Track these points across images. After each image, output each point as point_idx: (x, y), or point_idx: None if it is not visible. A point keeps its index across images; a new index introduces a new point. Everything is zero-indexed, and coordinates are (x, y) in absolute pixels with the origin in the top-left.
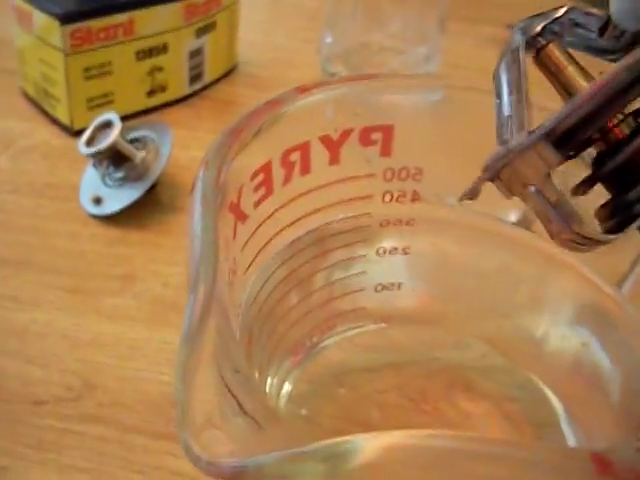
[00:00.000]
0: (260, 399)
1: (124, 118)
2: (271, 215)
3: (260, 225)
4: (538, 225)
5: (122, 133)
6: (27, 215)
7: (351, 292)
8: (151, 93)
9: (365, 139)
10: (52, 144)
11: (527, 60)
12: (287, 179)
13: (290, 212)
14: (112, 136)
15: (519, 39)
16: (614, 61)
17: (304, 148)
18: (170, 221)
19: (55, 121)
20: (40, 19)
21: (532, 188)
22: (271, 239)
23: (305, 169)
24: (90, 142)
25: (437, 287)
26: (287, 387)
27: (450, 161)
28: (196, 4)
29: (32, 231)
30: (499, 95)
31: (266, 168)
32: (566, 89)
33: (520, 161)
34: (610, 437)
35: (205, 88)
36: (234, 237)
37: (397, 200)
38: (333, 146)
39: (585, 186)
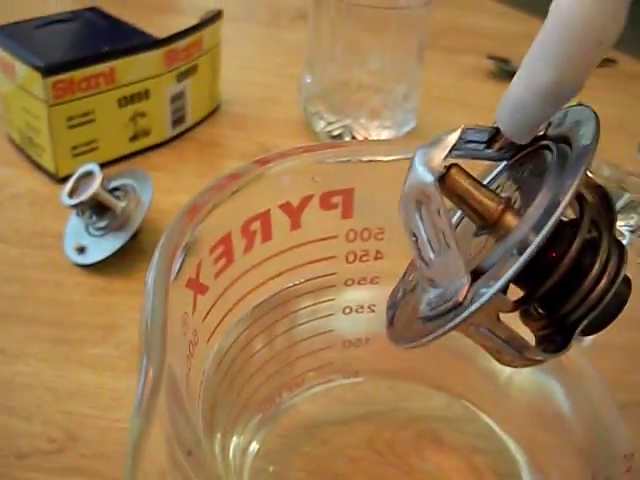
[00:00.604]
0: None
1: (108, 163)
2: (233, 283)
3: (222, 294)
4: None
5: (103, 183)
6: (13, 265)
7: (319, 349)
8: (134, 138)
9: (325, 203)
10: (37, 191)
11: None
12: (248, 247)
13: (253, 278)
14: (93, 187)
15: (423, 175)
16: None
17: (264, 217)
18: None
19: (41, 168)
20: (22, 70)
21: (482, 329)
22: (234, 306)
23: (266, 237)
24: (73, 192)
25: None
26: (254, 445)
27: None
28: (176, 50)
29: (18, 281)
30: (415, 237)
31: (226, 240)
32: (475, 212)
33: (473, 316)
34: None
35: (188, 130)
36: (194, 310)
37: (361, 259)
38: (294, 213)
39: (523, 307)
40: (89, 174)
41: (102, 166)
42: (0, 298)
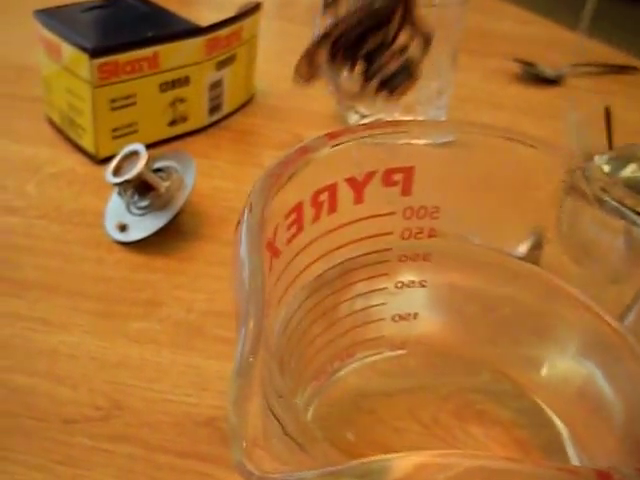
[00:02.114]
0: (301, 422)
1: (146, 147)
2: (301, 251)
3: (292, 260)
4: (544, 260)
5: (148, 163)
6: (55, 240)
7: (371, 322)
8: (173, 123)
9: (387, 180)
10: (77, 171)
11: None
12: (316, 218)
13: (318, 248)
14: (139, 166)
15: None
16: None
17: (332, 189)
18: (193, 248)
19: (80, 148)
20: (69, 52)
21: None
22: (301, 273)
23: (332, 208)
24: (116, 171)
25: (450, 317)
26: (311, 411)
27: (464, 200)
28: (218, 38)
29: (60, 256)
30: None
31: (298, 208)
32: None
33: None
34: (611, 460)
35: (224, 119)
36: (269, 271)
37: (415, 237)
38: (358, 187)
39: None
40: (134, 154)
41: None
42: (42, 271)
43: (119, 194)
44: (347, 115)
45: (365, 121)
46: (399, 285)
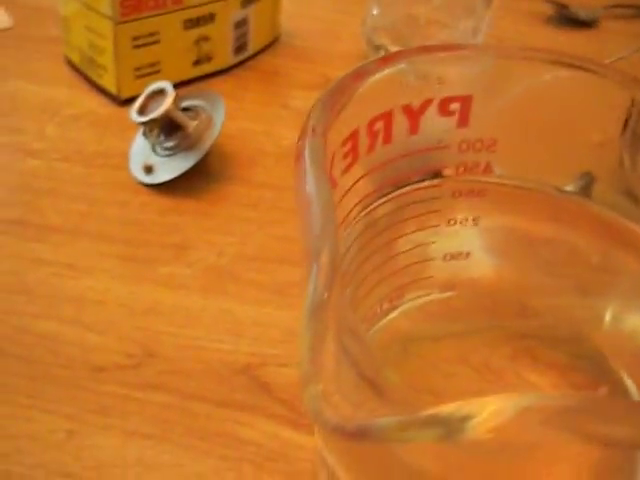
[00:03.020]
0: (378, 364)
1: None
2: (355, 183)
3: (346, 193)
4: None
5: (175, 101)
6: (78, 183)
7: (421, 261)
8: (197, 63)
9: (444, 109)
10: (98, 112)
11: None
12: (371, 148)
13: (371, 181)
14: (166, 104)
15: None
16: None
17: (387, 117)
18: (221, 190)
19: (100, 89)
20: None
21: None
22: (353, 207)
23: (387, 138)
24: (142, 110)
25: (505, 257)
26: None
27: (521, 133)
28: None
29: (83, 199)
30: None
31: (354, 136)
32: None
33: None
34: None
35: (249, 59)
36: None
37: (470, 171)
38: (413, 116)
39: None
40: (159, 92)
41: None
42: (66, 214)
43: (144, 134)
44: (377, 55)
45: None
46: (451, 222)
